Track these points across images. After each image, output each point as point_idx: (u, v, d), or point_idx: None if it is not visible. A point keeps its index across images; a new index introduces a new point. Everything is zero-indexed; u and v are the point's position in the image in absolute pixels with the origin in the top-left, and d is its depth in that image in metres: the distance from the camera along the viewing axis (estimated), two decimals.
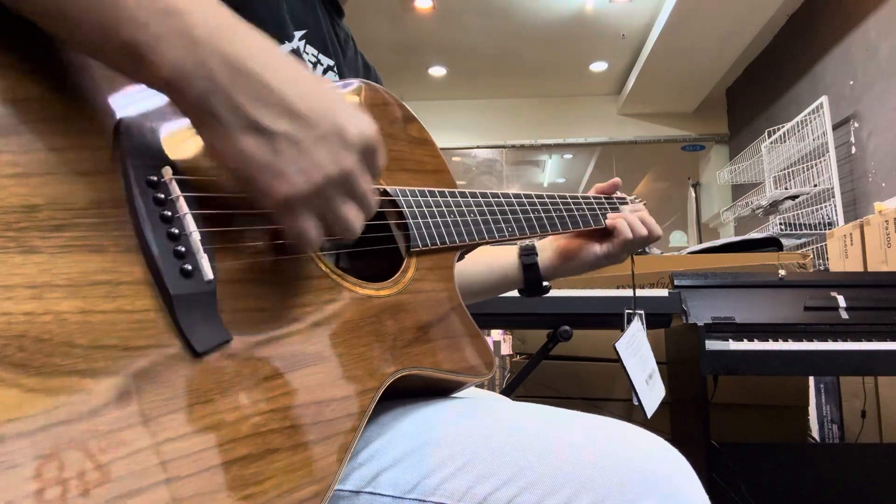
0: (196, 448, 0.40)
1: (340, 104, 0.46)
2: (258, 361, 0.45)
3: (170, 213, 0.43)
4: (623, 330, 0.99)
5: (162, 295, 0.41)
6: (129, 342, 0.39)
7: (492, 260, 0.97)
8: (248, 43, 0.43)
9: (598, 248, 0.93)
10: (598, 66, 5.86)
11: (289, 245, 0.48)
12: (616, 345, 0.96)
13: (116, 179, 0.42)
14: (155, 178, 0.44)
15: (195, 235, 0.44)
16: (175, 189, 0.44)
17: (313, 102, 0.44)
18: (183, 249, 0.43)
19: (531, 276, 0.95)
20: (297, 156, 0.43)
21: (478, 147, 6.64)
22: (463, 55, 5.65)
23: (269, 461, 0.43)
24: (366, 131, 0.47)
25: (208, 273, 0.43)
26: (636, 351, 1.00)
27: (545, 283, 0.96)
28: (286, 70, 0.44)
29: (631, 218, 0.93)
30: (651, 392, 1.00)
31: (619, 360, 0.96)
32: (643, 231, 0.93)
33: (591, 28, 5.15)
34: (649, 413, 0.99)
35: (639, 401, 0.97)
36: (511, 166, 7.26)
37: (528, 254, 0.96)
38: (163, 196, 0.43)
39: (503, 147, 6.64)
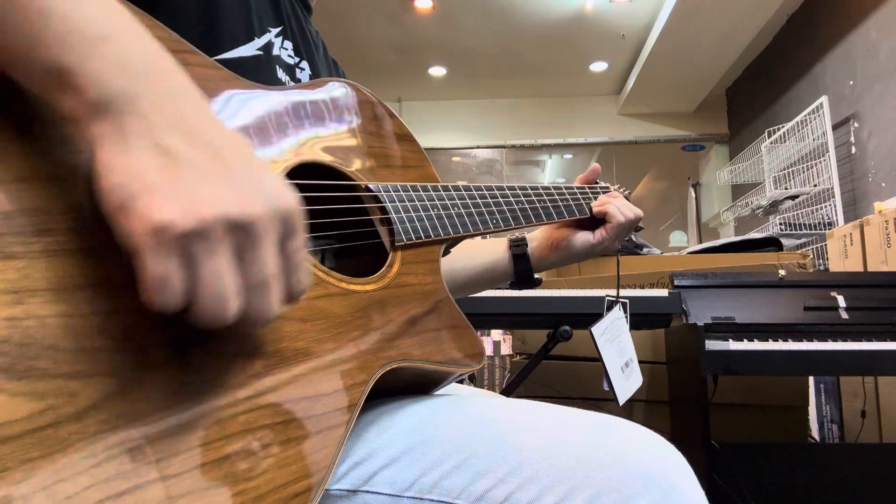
0: (186, 446, 0.40)
1: (265, 167, 0.42)
2: (245, 358, 0.45)
3: None
4: (603, 315, 1.01)
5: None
6: (115, 343, 0.39)
7: (481, 252, 0.97)
8: (181, 82, 0.41)
9: (590, 237, 0.94)
10: (598, 66, 5.87)
11: (144, 293, 0.37)
12: (591, 328, 0.98)
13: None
14: None
15: None
16: None
17: (237, 149, 0.41)
18: None
19: (521, 267, 0.95)
20: (196, 184, 0.37)
21: (478, 147, 6.64)
22: (463, 55, 5.65)
23: (260, 457, 0.43)
24: (288, 200, 0.41)
25: None
26: (614, 337, 1.01)
27: (536, 276, 0.96)
28: (214, 119, 0.42)
29: (619, 202, 0.94)
30: (626, 381, 1.02)
31: (593, 343, 0.97)
32: (631, 213, 0.94)
33: (591, 28, 5.15)
34: (621, 400, 1.01)
35: (610, 386, 0.98)
36: (511, 166, 7.26)
37: (517, 244, 0.96)
38: None
39: (503, 147, 6.64)
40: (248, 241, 0.39)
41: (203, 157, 0.38)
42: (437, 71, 5.98)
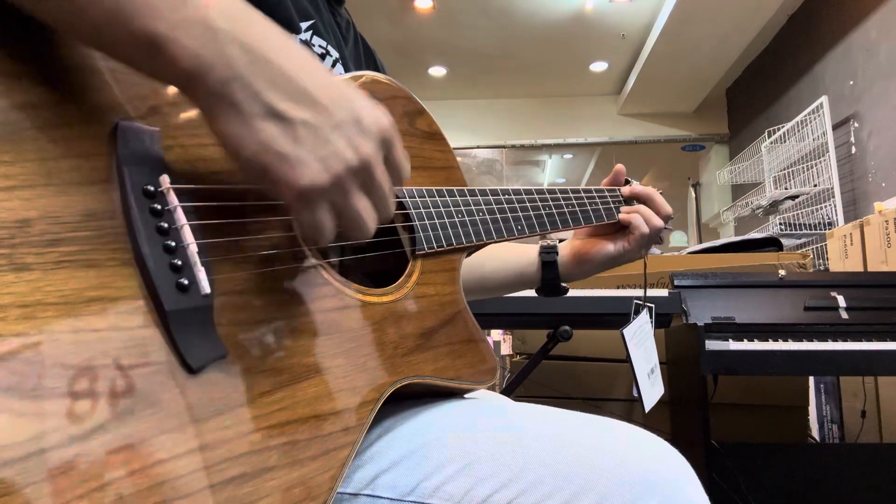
0: (190, 469, 0.39)
1: (356, 95, 0.46)
2: (255, 376, 0.44)
3: (166, 225, 0.42)
4: (630, 319, 0.97)
5: (157, 310, 0.40)
6: (123, 360, 0.38)
7: (512, 257, 0.95)
8: (265, 32, 0.42)
9: (611, 247, 0.90)
10: (598, 66, 5.86)
11: (303, 237, 0.46)
12: (623, 330, 0.93)
13: (112, 189, 0.41)
14: (152, 188, 0.42)
15: (192, 248, 0.42)
16: (173, 199, 0.43)
17: (330, 91, 0.44)
18: (179, 263, 0.42)
19: (549, 275, 0.92)
20: (316, 144, 0.42)
21: (478, 147, 6.64)
22: (463, 55, 5.65)
23: (264, 479, 0.42)
24: (382, 121, 0.47)
25: (205, 287, 0.42)
26: (641, 342, 0.98)
27: (563, 284, 0.93)
28: (302, 60, 0.43)
29: (645, 211, 0.90)
30: (652, 387, 0.99)
31: (624, 346, 0.94)
32: (659, 222, 0.90)
33: (591, 28, 5.15)
34: (647, 407, 0.98)
35: (639, 393, 0.96)
36: (511, 166, 7.25)
37: (548, 252, 0.93)
38: (160, 206, 0.42)
39: (503, 147, 6.64)
40: (369, 175, 0.45)
41: (309, 114, 0.42)
42: (437, 71, 5.97)
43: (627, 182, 0.94)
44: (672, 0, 4.37)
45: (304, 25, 0.73)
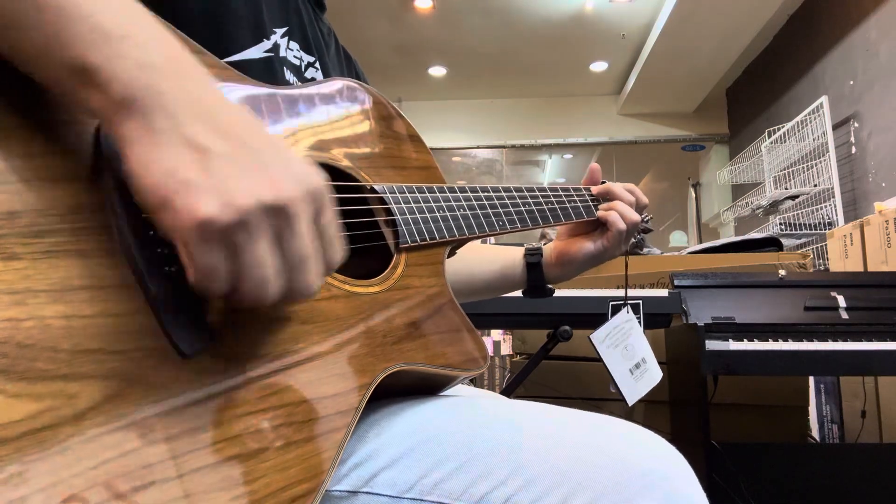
0: (184, 450, 0.39)
1: (288, 149, 0.44)
2: (246, 361, 0.45)
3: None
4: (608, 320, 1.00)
5: (146, 297, 0.41)
6: (114, 345, 0.39)
7: (497, 258, 0.97)
8: (201, 76, 0.42)
9: (591, 246, 0.91)
10: (598, 66, 5.86)
11: (194, 282, 0.40)
12: (591, 336, 0.97)
13: (97, 184, 0.42)
14: None
15: None
16: None
17: (261, 135, 0.42)
18: (166, 252, 0.42)
19: (534, 276, 0.94)
20: (228, 176, 0.38)
21: (478, 147, 6.64)
22: (463, 55, 5.65)
23: (260, 460, 0.43)
24: (316, 178, 0.42)
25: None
26: (619, 342, 1.00)
27: (549, 286, 0.95)
28: (237, 108, 0.43)
29: (621, 207, 0.91)
30: (637, 382, 1.00)
31: (594, 350, 0.96)
32: (634, 216, 0.91)
33: (591, 28, 5.15)
34: (630, 402, 0.99)
35: (617, 388, 0.98)
36: (511, 166, 7.26)
37: (532, 254, 0.95)
38: None
39: (503, 147, 6.64)
40: (285, 224, 0.40)
41: (231, 147, 0.39)
42: (437, 71, 5.98)
43: (603, 183, 0.96)
44: (672, 0, 4.37)
45: (279, 31, 0.73)
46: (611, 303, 1.03)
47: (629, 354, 1.00)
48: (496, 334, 3.87)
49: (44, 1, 0.37)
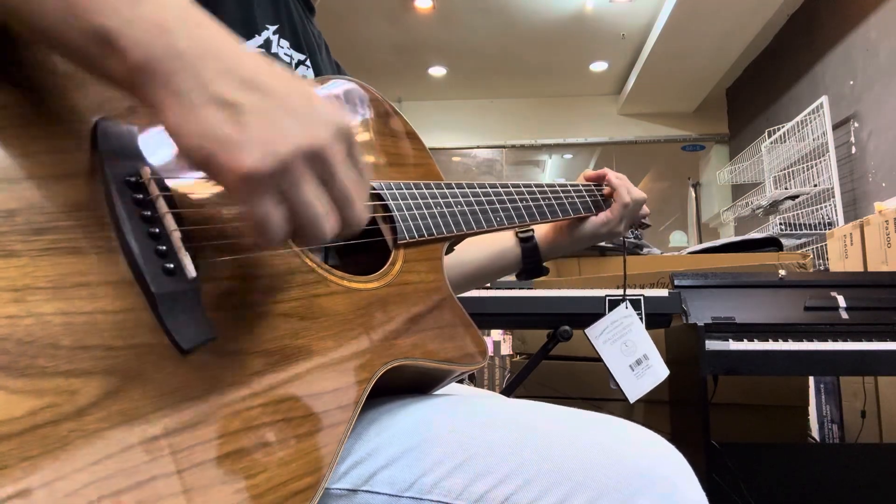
0: (186, 444, 0.40)
1: (313, 89, 0.44)
2: (246, 356, 0.45)
3: (150, 214, 0.43)
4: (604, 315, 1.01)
5: (145, 294, 0.41)
6: (114, 342, 0.39)
7: (488, 242, 0.97)
8: (216, 31, 0.42)
9: (594, 218, 0.93)
10: (598, 66, 5.86)
11: (251, 236, 0.41)
12: (586, 330, 0.97)
13: (95, 181, 0.42)
14: (134, 179, 0.43)
15: (176, 234, 0.43)
16: (154, 189, 0.44)
17: (285, 81, 0.42)
18: (164, 248, 0.42)
19: (528, 251, 0.95)
20: (263, 128, 0.39)
21: (478, 147, 6.64)
22: (463, 55, 5.65)
23: (261, 454, 0.43)
24: (342, 116, 0.44)
25: (191, 271, 0.43)
26: (618, 338, 1.00)
27: (543, 265, 0.96)
28: (255, 56, 0.43)
29: (627, 183, 0.94)
30: (638, 379, 1.00)
31: (591, 345, 0.96)
32: (639, 194, 0.93)
33: (591, 28, 5.15)
34: (632, 399, 1.00)
35: (617, 385, 0.97)
36: (511, 166, 7.25)
37: (523, 231, 0.96)
38: (142, 197, 0.43)
39: (503, 147, 6.64)
40: (325, 164, 0.42)
41: (259, 98, 0.40)
42: (437, 71, 5.97)
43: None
44: (672, 0, 4.37)
45: (271, 28, 0.73)
46: (608, 297, 1.04)
47: (629, 350, 1.00)
48: (496, 334, 3.87)
49: None
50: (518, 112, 6.49)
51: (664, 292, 1.62)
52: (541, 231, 0.96)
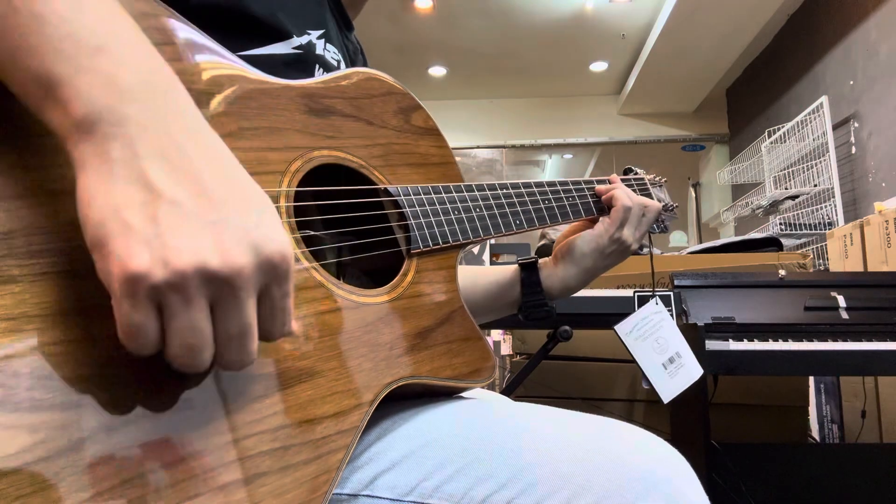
0: (183, 476, 0.39)
1: (266, 204, 0.39)
2: (248, 381, 0.44)
3: None
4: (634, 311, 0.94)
5: None
6: (109, 370, 0.38)
7: (484, 272, 0.88)
8: (181, 106, 0.38)
9: (591, 231, 0.82)
10: (598, 66, 5.86)
11: (121, 339, 0.36)
12: (616, 327, 0.89)
13: None
14: None
15: None
16: None
17: (232, 185, 0.38)
18: None
19: (529, 279, 0.82)
20: (173, 229, 0.34)
21: (478, 147, 6.64)
22: (463, 55, 5.65)
23: (257, 485, 0.42)
24: (282, 248, 0.38)
25: None
26: (648, 334, 0.93)
27: (550, 303, 0.83)
28: (212, 145, 0.38)
29: (625, 188, 0.84)
30: (672, 378, 0.94)
31: (622, 343, 0.91)
32: (640, 199, 0.83)
33: (591, 28, 5.15)
34: (665, 398, 0.92)
35: (650, 385, 0.92)
36: (511, 166, 7.25)
37: (525, 258, 0.85)
38: None
39: (503, 147, 6.64)
40: (227, 294, 0.36)
41: (187, 194, 0.36)
42: (437, 71, 5.97)
43: (633, 179, 0.91)
44: (672, 0, 4.37)
45: (314, 33, 0.71)
46: (637, 293, 0.97)
47: (661, 348, 0.94)
48: (496, 334, 3.87)
49: (20, 4, 0.35)
50: (518, 112, 6.49)
51: (664, 292, 1.62)
52: (542, 262, 0.85)
